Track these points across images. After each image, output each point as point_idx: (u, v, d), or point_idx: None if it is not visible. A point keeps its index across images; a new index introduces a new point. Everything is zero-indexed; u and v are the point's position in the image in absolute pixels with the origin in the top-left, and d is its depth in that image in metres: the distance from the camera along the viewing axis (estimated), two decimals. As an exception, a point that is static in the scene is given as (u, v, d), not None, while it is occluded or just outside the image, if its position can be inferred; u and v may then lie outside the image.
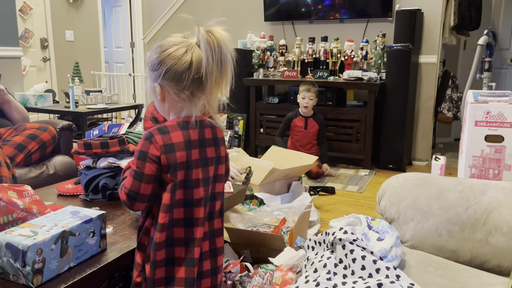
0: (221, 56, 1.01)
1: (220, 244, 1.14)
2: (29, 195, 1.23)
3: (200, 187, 1.07)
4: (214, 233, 1.12)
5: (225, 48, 1.01)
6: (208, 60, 1.00)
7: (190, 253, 1.06)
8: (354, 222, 1.42)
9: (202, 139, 1.08)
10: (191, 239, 1.07)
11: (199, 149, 1.07)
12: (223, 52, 1.01)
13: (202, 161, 1.08)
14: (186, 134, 1.05)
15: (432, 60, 3.98)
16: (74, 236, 1.07)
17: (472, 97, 2.24)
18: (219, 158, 1.12)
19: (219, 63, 1.01)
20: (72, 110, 3.45)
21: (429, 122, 4.10)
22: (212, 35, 1.00)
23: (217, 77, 1.02)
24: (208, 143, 1.09)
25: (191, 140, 1.06)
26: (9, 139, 2.17)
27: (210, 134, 1.10)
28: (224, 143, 1.14)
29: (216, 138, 1.11)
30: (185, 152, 1.05)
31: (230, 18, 4.82)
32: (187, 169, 1.05)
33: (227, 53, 1.02)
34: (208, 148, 1.09)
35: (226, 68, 1.03)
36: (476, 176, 2.20)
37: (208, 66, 1.00)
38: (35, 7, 5.17)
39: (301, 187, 2.74)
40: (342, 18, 4.23)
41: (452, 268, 1.31)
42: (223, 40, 1.01)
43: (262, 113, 4.29)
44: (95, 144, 1.60)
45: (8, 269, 0.99)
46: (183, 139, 1.05)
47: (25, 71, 5.04)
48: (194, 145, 1.06)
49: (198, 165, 1.07)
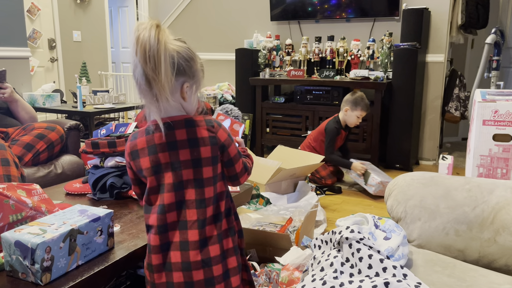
0: (149, 54, 0.92)
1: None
2: (37, 194, 1.25)
3: (171, 191, 1.01)
4: (207, 242, 1.02)
5: (154, 45, 0.92)
6: (138, 60, 0.93)
7: (166, 258, 1.02)
8: (361, 221, 1.41)
9: (172, 142, 1.01)
10: (166, 244, 1.02)
11: (168, 152, 1.01)
12: (152, 49, 0.92)
13: (172, 165, 1.01)
14: (149, 139, 1.02)
15: (439, 59, 3.96)
16: (82, 235, 1.08)
17: (480, 96, 2.23)
18: (199, 160, 1.02)
19: (148, 62, 0.92)
20: (80, 110, 3.47)
21: (436, 122, 4.08)
22: (143, 32, 0.93)
23: (153, 77, 0.93)
24: (181, 145, 1.01)
25: (155, 144, 1.01)
26: (18, 138, 2.19)
27: (184, 135, 1.01)
28: (210, 143, 1.03)
29: (194, 139, 1.02)
30: (149, 157, 1.02)
31: (236, 18, 4.83)
32: (156, 173, 1.02)
33: (158, 50, 0.92)
34: (180, 150, 1.01)
35: (158, 66, 0.93)
36: (484, 176, 2.19)
37: (137, 67, 0.94)
38: (43, 7, 5.21)
39: (307, 186, 2.74)
40: (349, 17, 4.21)
41: (459, 267, 1.30)
42: (152, 37, 0.92)
43: (269, 112, 4.29)
44: (102, 143, 1.61)
45: (17, 267, 1.01)
46: (146, 145, 1.02)
47: (33, 71, 5.08)
48: (161, 149, 1.01)
49: (169, 169, 1.01)
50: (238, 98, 4.50)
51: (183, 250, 1.01)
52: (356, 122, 3.35)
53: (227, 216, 1.08)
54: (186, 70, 1.01)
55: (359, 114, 3.29)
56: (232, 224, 1.09)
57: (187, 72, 1.01)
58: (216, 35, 4.99)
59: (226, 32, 4.91)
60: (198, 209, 1.01)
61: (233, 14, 4.85)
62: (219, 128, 1.04)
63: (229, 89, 4.74)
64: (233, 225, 1.09)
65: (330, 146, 3.28)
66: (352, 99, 3.28)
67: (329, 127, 3.31)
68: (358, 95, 3.29)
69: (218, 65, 4.97)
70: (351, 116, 3.30)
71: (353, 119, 3.32)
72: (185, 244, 1.01)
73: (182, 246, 1.01)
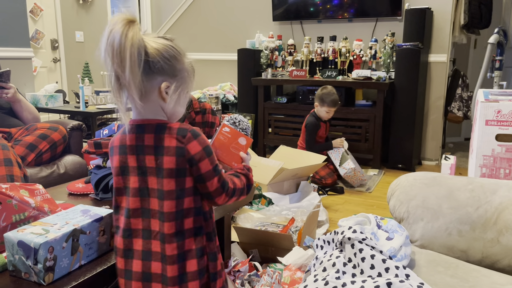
0: (116, 50, 0.88)
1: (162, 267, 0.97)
2: (40, 194, 1.25)
3: (136, 196, 0.97)
4: (165, 259, 0.95)
5: (120, 40, 0.87)
6: (107, 56, 0.89)
7: (128, 265, 0.99)
8: (363, 221, 1.41)
9: (140, 145, 0.96)
10: (129, 250, 0.99)
11: (136, 155, 0.97)
12: (118, 44, 0.87)
13: (139, 169, 0.97)
14: (123, 138, 0.99)
15: (442, 59, 3.95)
16: (84, 234, 1.09)
17: (482, 96, 2.22)
18: (160, 170, 0.95)
19: (115, 57, 0.88)
20: (82, 110, 3.48)
21: (438, 122, 4.07)
22: (113, 27, 0.88)
23: (120, 74, 0.89)
24: (147, 151, 0.96)
25: (126, 145, 0.98)
26: (21, 138, 2.20)
27: (152, 140, 0.95)
28: (176, 153, 0.94)
29: (160, 147, 0.95)
30: (119, 156, 0.99)
31: (238, 18, 4.83)
32: (122, 174, 0.99)
33: (124, 45, 0.87)
34: (147, 156, 0.96)
35: (124, 62, 0.88)
36: (486, 176, 2.18)
37: (107, 64, 0.90)
38: (46, 8, 5.23)
39: (309, 186, 2.74)
40: (351, 17, 4.21)
41: (462, 267, 1.30)
42: (119, 32, 0.87)
43: (271, 112, 4.29)
44: (105, 143, 1.61)
45: (20, 266, 1.01)
46: (118, 143, 1.00)
47: (36, 71, 5.10)
48: (130, 151, 0.98)
49: (135, 173, 0.97)
50: (240, 98, 4.50)
51: (145, 260, 0.97)
52: (328, 116, 3.46)
53: (196, 235, 0.98)
54: (164, 69, 0.94)
55: (327, 110, 3.41)
56: (201, 245, 0.99)
57: (166, 70, 0.94)
58: (218, 36, 4.99)
59: (228, 33, 4.91)
60: (160, 221, 0.96)
61: (235, 15, 4.86)
62: (192, 140, 0.94)
63: (231, 89, 4.74)
64: (202, 246, 0.99)
65: (310, 140, 3.44)
66: (320, 95, 3.42)
67: (308, 123, 3.46)
68: (325, 91, 3.40)
69: (220, 65, 4.98)
70: (320, 111, 3.44)
71: (323, 114, 3.44)
72: (147, 254, 0.97)
73: (145, 256, 0.97)
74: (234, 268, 1.67)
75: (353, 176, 3.34)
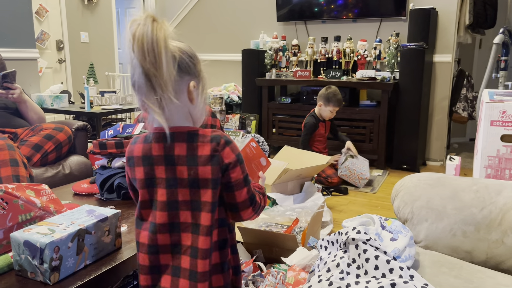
0: (147, 47, 0.83)
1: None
2: (46, 194, 1.26)
3: (164, 210, 0.91)
4: (196, 276, 0.90)
5: (152, 37, 0.83)
6: (136, 57, 0.84)
7: (155, 281, 0.94)
8: (367, 222, 1.41)
9: (169, 156, 0.90)
10: (156, 266, 0.94)
11: (165, 166, 0.91)
12: (150, 41, 0.83)
13: (168, 181, 0.91)
14: (146, 148, 0.92)
15: (447, 59, 3.94)
16: (90, 234, 1.09)
17: (487, 97, 2.22)
18: (196, 181, 0.90)
19: (147, 56, 0.83)
20: (87, 111, 3.50)
21: (443, 122, 4.06)
22: (139, 27, 0.84)
23: (154, 73, 0.84)
24: (179, 161, 0.90)
25: (152, 156, 0.91)
26: (26, 139, 2.21)
27: (184, 150, 0.90)
28: (212, 162, 0.89)
29: (194, 156, 0.89)
30: (143, 168, 0.92)
31: (243, 19, 4.83)
32: (148, 187, 0.93)
33: (158, 41, 0.83)
34: (178, 166, 0.90)
35: (158, 58, 0.83)
36: (491, 177, 2.17)
37: (136, 67, 0.84)
38: (51, 9, 5.25)
39: (314, 187, 2.74)
40: (355, 17, 4.21)
41: (466, 268, 1.30)
42: (149, 29, 0.83)
43: (275, 113, 4.29)
44: (110, 144, 1.62)
45: (26, 266, 1.02)
46: (141, 154, 0.93)
47: (41, 72, 5.12)
48: (158, 162, 0.91)
49: (163, 185, 0.91)
50: (244, 99, 4.50)
51: (174, 276, 0.92)
52: (330, 116, 3.49)
53: (221, 248, 0.94)
54: (191, 68, 0.90)
55: (332, 109, 3.44)
56: (226, 258, 0.95)
57: (192, 70, 0.91)
58: (222, 36, 5.00)
59: (233, 33, 4.92)
60: (194, 234, 0.90)
61: (239, 15, 4.86)
62: (225, 146, 0.89)
63: (235, 89, 4.75)
64: (226, 260, 0.95)
65: (305, 139, 3.47)
66: (325, 95, 3.44)
67: (307, 123, 3.49)
68: (331, 91, 3.43)
69: (225, 66, 4.98)
70: (324, 111, 3.46)
71: (327, 113, 3.47)
72: (177, 269, 0.92)
73: (174, 272, 0.92)
74: (238, 268, 1.67)
75: (350, 175, 3.36)
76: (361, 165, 3.39)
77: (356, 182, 3.37)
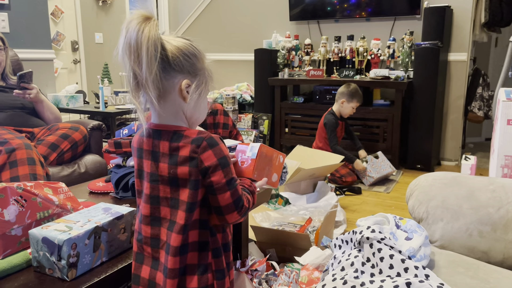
0: (133, 47, 0.86)
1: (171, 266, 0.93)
2: (63, 192, 1.28)
3: (147, 203, 0.95)
4: (166, 272, 0.92)
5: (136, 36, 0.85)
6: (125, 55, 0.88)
7: (137, 270, 0.99)
8: (382, 221, 1.40)
9: (155, 152, 0.94)
10: (141, 255, 0.99)
11: (150, 161, 0.94)
12: (134, 40, 0.85)
13: (152, 176, 0.94)
14: (140, 141, 0.96)
15: (462, 58, 3.89)
16: (106, 232, 1.11)
17: (504, 95, 2.18)
18: (176, 180, 0.91)
19: (132, 55, 0.86)
20: (102, 111, 3.54)
21: (458, 122, 4.01)
22: (129, 26, 0.86)
23: (138, 72, 0.87)
24: (162, 159, 0.93)
25: (143, 149, 0.96)
26: (43, 138, 2.25)
27: (167, 149, 0.92)
28: (190, 164, 0.90)
29: (175, 156, 0.91)
30: (137, 159, 0.98)
31: (255, 18, 4.84)
32: (140, 178, 0.98)
33: (140, 40, 0.85)
34: (160, 163, 0.93)
35: (140, 57, 0.86)
36: (508, 176, 2.14)
37: (126, 65, 0.88)
38: (66, 10, 5.33)
39: (327, 186, 2.73)
40: (369, 16, 4.18)
41: (483, 268, 1.28)
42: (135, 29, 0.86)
43: (287, 112, 4.29)
44: (125, 143, 1.64)
45: (44, 262, 1.03)
46: (136, 145, 0.98)
47: (57, 73, 5.20)
48: (146, 156, 0.95)
49: (148, 179, 0.95)
50: (257, 98, 4.51)
51: (153, 268, 0.96)
52: (351, 113, 3.53)
53: (201, 250, 0.94)
54: (185, 66, 0.91)
55: (355, 105, 3.49)
56: (206, 261, 0.94)
57: (186, 68, 0.92)
58: (235, 36, 5.01)
59: (245, 33, 4.93)
60: (168, 231, 0.93)
61: (252, 15, 4.87)
62: (206, 149, 0.89)
63: (248, 89, 4.75)
64: (206, 262, 0.94)
65: (333, 138, 3.44)
66: (348, 92, 3.46)
67: (327, 121, 3.48)
68: (353, 87, 3.48)
69: (237, 65, 5.00)
70: (347, 108, 3.49)
71: (349, 110, 3.50)
72: (155, 263, 0.96)
73: (153, 264, 0.96)
74: (252, 267, 1.68)
75: (373, 181, 3.41)
76: (376, 166, 3.38)
77: (364, 177, 3.41)
